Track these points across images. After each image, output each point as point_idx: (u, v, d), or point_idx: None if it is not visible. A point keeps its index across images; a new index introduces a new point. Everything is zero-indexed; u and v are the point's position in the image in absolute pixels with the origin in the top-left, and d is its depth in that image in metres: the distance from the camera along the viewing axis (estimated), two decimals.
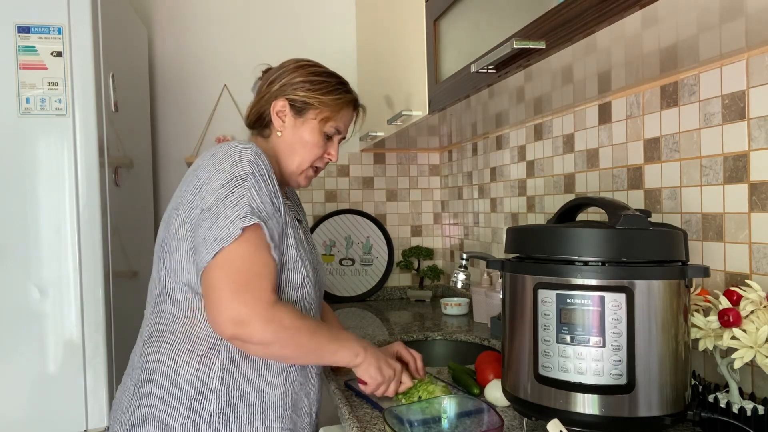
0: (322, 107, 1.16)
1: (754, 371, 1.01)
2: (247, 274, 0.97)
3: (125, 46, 1.96)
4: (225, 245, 0.96)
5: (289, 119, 1.17)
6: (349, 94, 1.22)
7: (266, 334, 0.95)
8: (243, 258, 0.97)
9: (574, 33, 0.88)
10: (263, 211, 1.01)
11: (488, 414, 0.97)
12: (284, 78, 1.18)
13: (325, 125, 1.18)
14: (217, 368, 1.04)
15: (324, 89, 1.17)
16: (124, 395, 1.09)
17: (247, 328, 0.94)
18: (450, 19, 1.41)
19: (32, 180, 1.61)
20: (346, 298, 2.51)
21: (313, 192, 2.56)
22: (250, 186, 1.00)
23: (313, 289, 1.14)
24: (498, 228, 2.04)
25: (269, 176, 1.04)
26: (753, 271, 1.02)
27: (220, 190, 1.00)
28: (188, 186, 1.05)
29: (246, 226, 0.97)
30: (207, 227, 0.99)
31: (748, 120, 1.01)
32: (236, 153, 1.03)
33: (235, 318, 0.94)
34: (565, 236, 0.88)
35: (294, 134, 1.17)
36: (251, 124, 1.23)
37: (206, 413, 1.02)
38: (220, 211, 0.98)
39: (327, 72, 1.21)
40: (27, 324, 1.60)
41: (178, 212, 1.05)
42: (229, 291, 0.95)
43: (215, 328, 0.96)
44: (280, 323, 0.96)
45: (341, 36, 2.55)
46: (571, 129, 1.55)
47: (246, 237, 0.98)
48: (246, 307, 0.95)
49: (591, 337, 0.84)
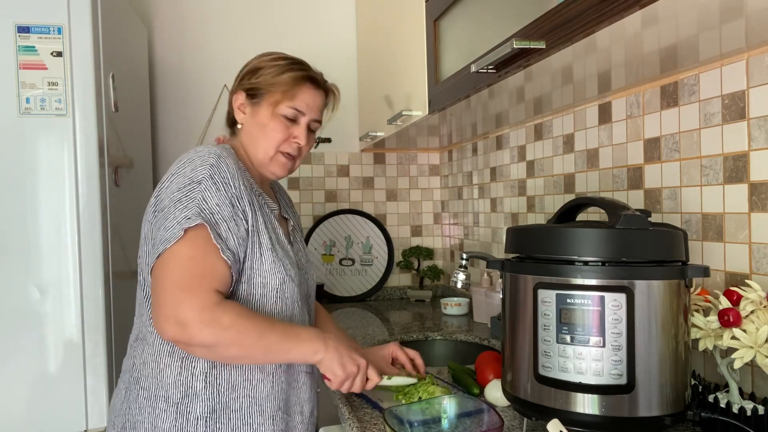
0: (273, 89, 1.14)
1: (754, 371, 1.01)
2: (188, 275, 0.96)
3: (125, 46, 1.96)
4: (167, 246, 0.96)
5: (248, 109, 1.17)
6: (303, 71, 1.16)
7: (205, 335, 0.93)
8: (185, 258, 0.96)
9: (574, 33, 0.88)
10: (216, 214, 1.00)
11: (488, 414, 0.97)
12: (243, 71, 1.19)
13: (279, 106, 1.14)
14: (200, 372, 1.03)
15: (275, 72, 1.15)
16: (117, 399, 1.10)
17: (187, 330, 0.93)
18: (450, 19, 1.41)
19: (32, 180, 1.61)
20: (346, 298, 2.51)
21: (313, 192, 2.56)
22: (204, 188, 1.01)
23: (296, 288, 1.12)
24: (498, 228, 2.04)
25: (231, 179, 1.04)
26: (753, 271, 1.02)
27: (175, 194, 1.01)
28: (157, 191, 1.07)
29: (188, 227, 0.97)
30: (157, 228, 1.00)
31: (748, 120, 1.01)
32: (198, 157, 1.04)
33: (174, 319, 0.93)
34: (565, 236, 0.88)
35: (252, 122, 1.16)
36: (228, 126, 1.25)
37: (193, 416, 1.02)
38: (169, 212, 0.99)
39: (282, 56, 1.18)
40: (27, 324, 1.60)
41: (146, 216, 1.07)
42: (169, 292, 0.95)
43: (158, 331, 0.96)
44: (220, 325, 0.94)
45: (341, 36, 2.55)
46: (571, 129, 1.55)
47: (190, 237, 0.97)
48: (185, 308, 0.93)
49: (591, 337, 0.84)
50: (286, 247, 1.15)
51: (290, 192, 2.51)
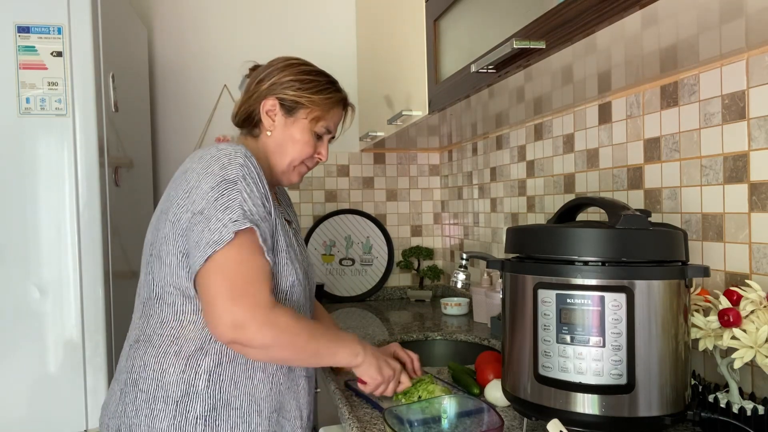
0: (312, 107, 1.16)
1: (754, 371, 1.01)
2: (243, 278, 0.96)
3: (125, 46, 1.96)
4: (218, 248, 0.96)
5: (279, 118, 1.17)
6: (339, 93, 1.21)
7: (265, 337, 0.95)
8: (238, 262, 0.97)
9: (574, 33, 0.88)
10: (255, 215, 1.00)
11: (488, 414, 0.97)
12: (273, 77, 1.17)
13: (316, 125, 1.18)
14: (204, 370, 1.03)
15: (314, 88, 1.17)
16: (111, 400, 1.09)
17: (246, 332, 0.94)
18: (450, 19, 1.41)
19: (32, 180, 1.61)
20: (346, 298, 2.51)
21: (313, 192, 2.56)
22: (242, 189, 1.00)
23: (303, 291, 1.13)
24: (498, 228, 2.04)
25: (260, 179, 1.04)
26: (753, 271, 1.02)
27: (210, 194, 0.99)
28: (177, 190, 1.04)
29: (239, 230, 0.97)
30: (199, 231, 0.98)
31: (748, 120, 1.01)
32: (225, 156, 1.03)
33: (233, 322, 0.94)
34: (565, 236, 0.88)
35: (284, 133, 1.17)
36: (240, 123, 1.22)
37: (192, 415, 1.02)
38: (211, 214, 0.98)
39: (317, 71, 1.20)
40: (27, 324, 1.60)
41: (168, 216, 1.04)
42: (226, 295, 0.95)
43: (214, 333, 0.96)
44: (278, 326, 0.96)
45: (341, 36, 2.56)
46: (571, 129, 1.55)
47: (239, 241, 0.97)
48: (244, 311, 0.94)
49: (591, 337, 0.84)
50: (296, 249, 1.16)
51: (290, 192, 2.51)
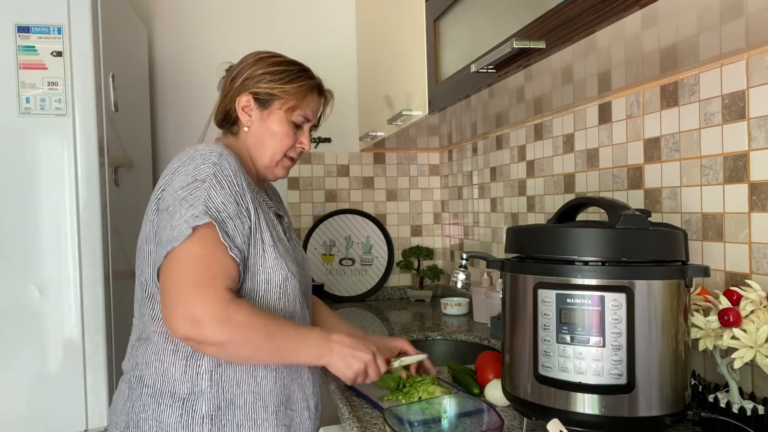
0: (286, 96, 1.16)
1: (754, 371, 1.01)
2: (199, 273, 0.95)
3: (125, 46, 1.96)
4: (175, 245, 0.96)
5: (255, 113, 1.17)
6: (312, 79, 1.21)
7: (218, 334, 0.93)
8: (195, 257, 0.96)
9: (574, 33, 0.88)
10: (222, 212, 1.00)
11: (488, 414, 0.97)
12: (245, 72, 1.18)
13: (292, 114, 1.18)
14: (205, 370, 1.03)
15: (286, 78, 1.16)
16: (119, 398, 1.10)
17: (201, 328, 0.93)
18: (450, 19, 1.41)
19: (32, 180, 1.61)
20: (346, 298, 2.51)
21: (313, 192, 2.56)
22: (209, 187, 1.01)
23: (297, 284, 1.13)
24: (498, 228, 2.04)
25: (234, 177, 1.04)
26: (753, 271, 1.02)
27: (179, 192, 1.00)
28: (157, 190, 1.06)
29: (197, 225, 0.97)
30: (163, 227, 1.00)
31: (748, 120, 1.01)
32: (200, 156, 1.04)
33: (187, 317, 0.93)
34: (565, 236, 0.88)
35: (261, 127, 1.17)
36: (219, 123, 1.24)
37: (198, 415, 1.02)
38: (175, 211, 0.99)
39: (287, 60, 1.20)
40: (27, 324, 1.60)
41: (148, 216, 1.07)
42: (181, 290, 0.94)
43: (170, 328, 0.95)
44: (232, 323, 0.94)
45: (341, 36, 2.55)
46: (571, 129, 1.55)
47: (198, 236, 0.97)
48: (198, 306, 0.93)
49: (591, 337, 0.84)
50: (287, 244, 1.16)
51: (290, 192, 2.51)
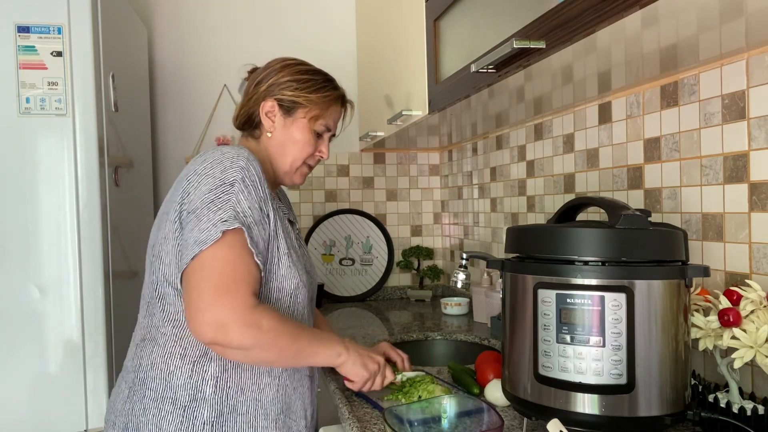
0: (311, 105, 1.17)
1: (754, 371, 1.01)
2: (227, 278, 0.96)
3: (125, 46, 1.96)
4: (204, 248, 0.96)
5: (278, 119, 1.17)
6: (337, 90, 1.22)
7: (245, 338, 0.94)
8: (224, 261, 0.96)
9: (574, 33, 0.88)
10: (249, 217, 1.00)
11: (488, 414, 0.97)
12: (271, 78, 1.18)
13: (315, 123, 1.19)
14: (210, 376, 1.03)
15: (311, 87, 1.17)
16: (118, 398, 1.09)
17: (227, 332, 0.93)
18: (450, 19, 1.41)
19: (32, 180, 1.61)
20: (346, 298, 2.51)
21: (313, 192, 2.56)
22: (238, 191, 1.00)
23: (306, 293, 1.14)
24: (498, 228, 2.04)
25: (259, 182, 1.04)
26: (753, 271, 1.02)
27: (207, 195, 1.00)
28: (178, 191, 1.05)
29: (227, 229, 0.97)
30: (190, 230, 0.99)
31: (748, 120, 1.01)
32: (227, 159, 1.03)
33: (214, 321, 0.93)
34: (565, 236, 0.88)
35: (284, 134, 1.18)
36: (241, 126, 1.23)
37: (199, 421, 1.02)
38: (203, 214, 0.98)
39: (313, 70, 1.21)
40: (27, 324, 1.60)
41: (168, 216, 1.05)
42: (208, 294, 0.94)
43: (194, 332, 0.95)
44: (259, 327, 0.95)
45: (341, 36, 2.55)
46: (571, 129, 1.55)
47: (227, 240, 0.97)
48: (225, 310, 0.93)
49: (591, 336, 0.84)
50: (299, 252, 1.16)
51: (290, 192, 2.51)
